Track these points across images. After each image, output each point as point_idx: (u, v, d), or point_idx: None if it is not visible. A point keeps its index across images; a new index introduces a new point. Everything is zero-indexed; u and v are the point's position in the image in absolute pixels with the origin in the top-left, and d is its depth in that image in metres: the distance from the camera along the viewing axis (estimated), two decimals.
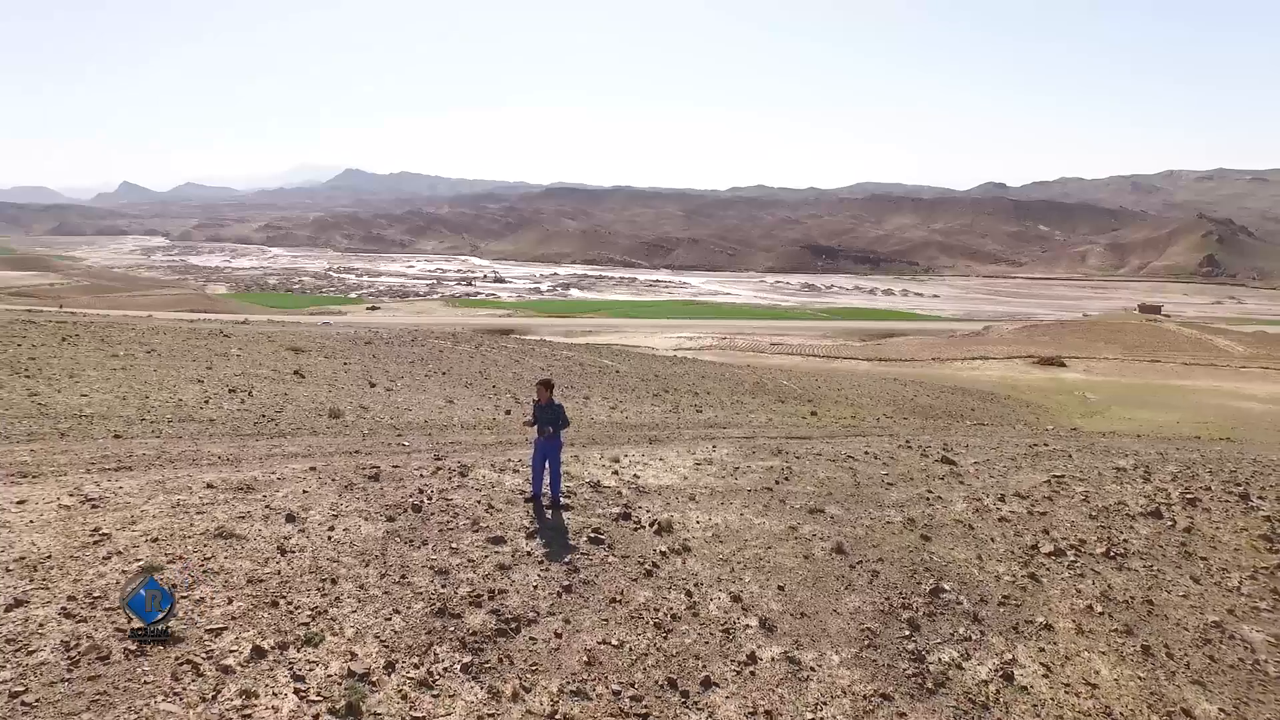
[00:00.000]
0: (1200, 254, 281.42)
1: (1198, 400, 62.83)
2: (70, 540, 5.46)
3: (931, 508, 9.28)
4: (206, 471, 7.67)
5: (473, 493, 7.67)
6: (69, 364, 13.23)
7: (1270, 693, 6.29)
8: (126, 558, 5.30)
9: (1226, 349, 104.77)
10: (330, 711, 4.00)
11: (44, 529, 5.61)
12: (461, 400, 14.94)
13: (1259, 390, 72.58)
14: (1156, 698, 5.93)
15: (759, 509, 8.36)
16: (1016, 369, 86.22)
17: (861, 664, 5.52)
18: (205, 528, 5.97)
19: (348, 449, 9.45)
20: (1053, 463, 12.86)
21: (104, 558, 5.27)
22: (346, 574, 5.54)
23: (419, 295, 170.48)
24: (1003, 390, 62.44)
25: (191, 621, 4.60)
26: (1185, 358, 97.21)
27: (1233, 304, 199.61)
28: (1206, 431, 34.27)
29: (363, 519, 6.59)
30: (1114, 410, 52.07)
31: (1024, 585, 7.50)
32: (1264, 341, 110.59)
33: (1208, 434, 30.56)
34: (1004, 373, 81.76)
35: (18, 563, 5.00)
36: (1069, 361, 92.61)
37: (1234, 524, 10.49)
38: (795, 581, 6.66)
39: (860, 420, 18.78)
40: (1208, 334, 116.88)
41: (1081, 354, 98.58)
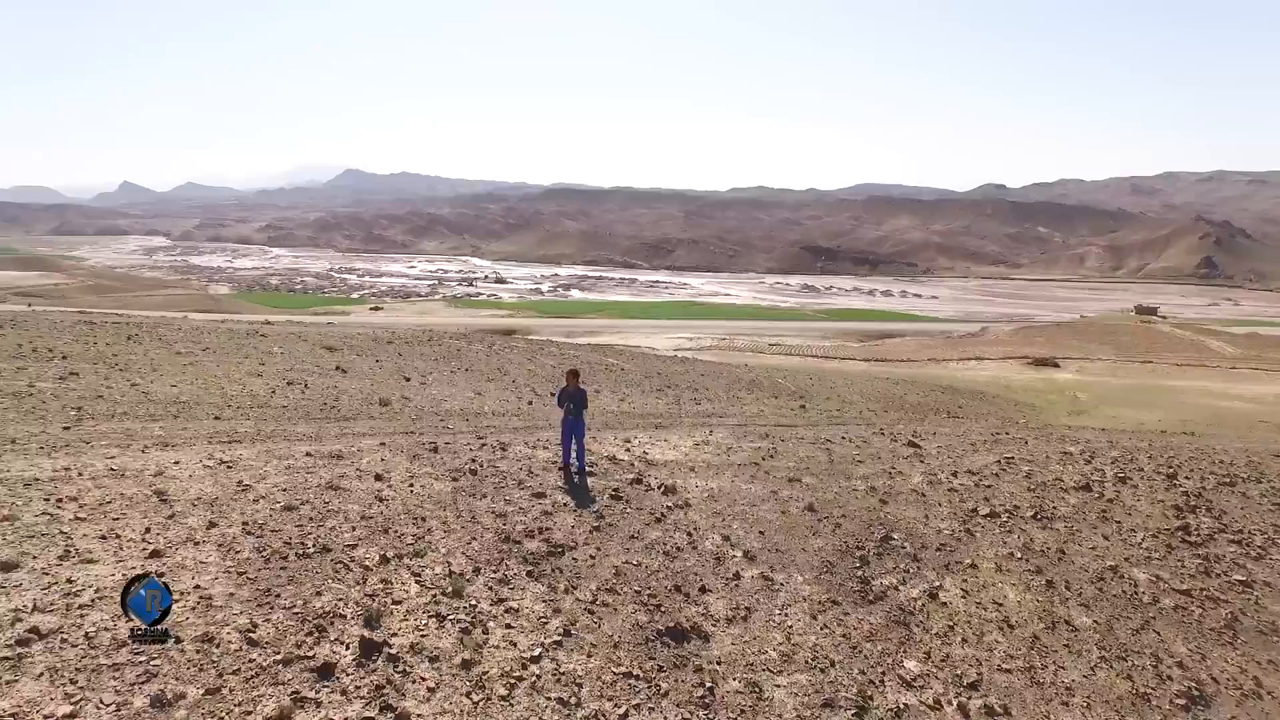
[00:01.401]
0: (1198, 256, 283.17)
1: (1184, 400, 64.31)
2: (224, 489, 7.26)
3: (892, 480, 11.10)
4: (299, 445, 9.49)
5: (514, 462, 9.49)
6: (146, 360, 15.01)
7: (1139, 612, 8.10)
8: (269, 500, 7.11)
9: (1218, 350, 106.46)
10: (443, 593, 5.81)
11: (202, 480, 7.42)
12: (488, 393, 16.77)
13: (1246, 390, 74.02)
14: (1047, 613, 7.74)
15: (747, 478, 10.19)
16: (1011, 369, 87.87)
17: (820, 583, 7.34)
18: (317, 482, 7.78)
19: (403, 430, 11.27)
20: (1007, 448, 14.66)
21: (253, 500, 7.08)
22: (431, 515, 7.36)
23: (421, 296, 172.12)
24: (994, 390, 64.09)
25: (331, 542, 6.40)
26: (1177, 359, 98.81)
27: (1229, 306, 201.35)
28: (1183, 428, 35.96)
29: (433, 479, 8.41)
30: (1101, 409, 53.76)
31: (959, 537, 9.31)
32: (1256, 343, 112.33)
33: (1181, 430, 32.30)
34: (998, 373, 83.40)
35: (198, 500, 6.81)
36: (1062, 362, 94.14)
37: (1154, 497, 12.32)
38: (773, 529, 8.48)
39: (844, 413, 20.61)
40: (1200, 335, 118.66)
41: (1075, 355, 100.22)
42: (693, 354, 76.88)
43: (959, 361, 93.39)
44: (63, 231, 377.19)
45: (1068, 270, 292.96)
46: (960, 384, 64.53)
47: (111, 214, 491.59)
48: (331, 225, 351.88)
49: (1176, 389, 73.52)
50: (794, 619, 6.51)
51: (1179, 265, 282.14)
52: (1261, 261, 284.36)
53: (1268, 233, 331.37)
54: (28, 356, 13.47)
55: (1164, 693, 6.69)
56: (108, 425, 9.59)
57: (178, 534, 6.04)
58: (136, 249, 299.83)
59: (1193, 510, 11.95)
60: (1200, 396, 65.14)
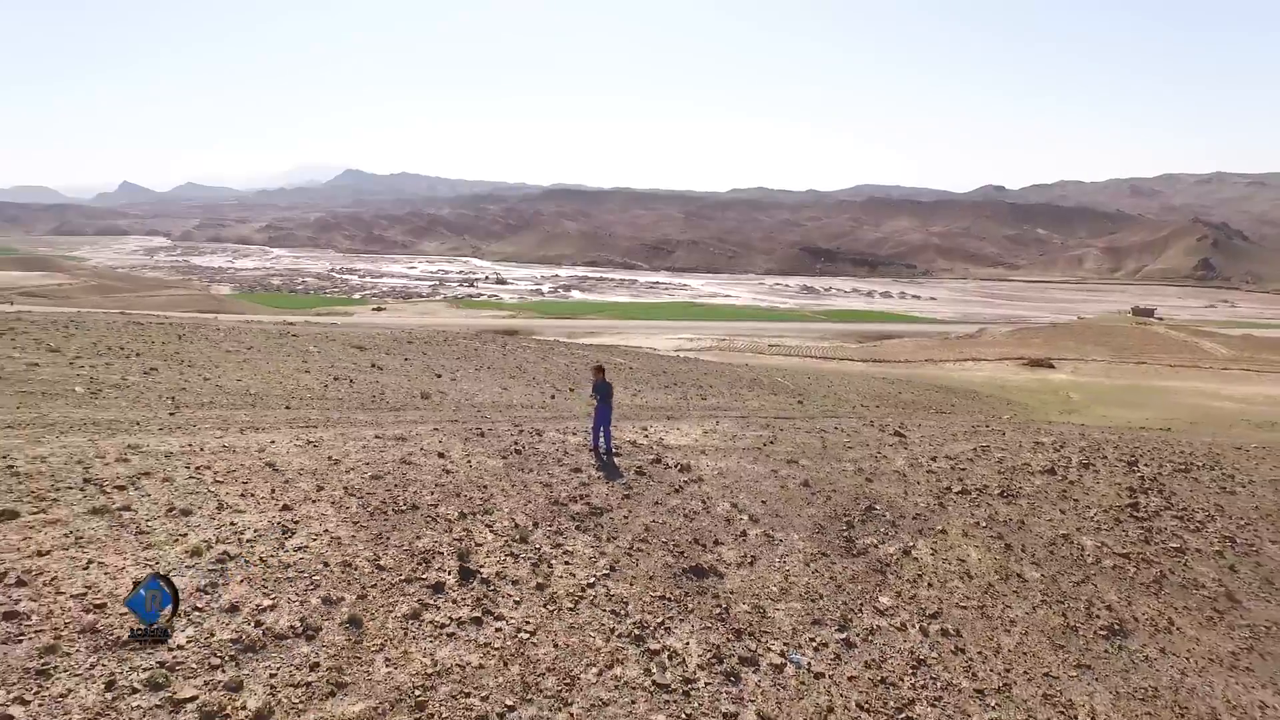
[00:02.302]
0: (1195, 258, 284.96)
1: (1174, 400, 65.70)
2: (318, 462, 8.79)
3: (878, 463, 12.65)
4: (365, 430, 11.03)
5: (550, 445, 11.03)
6: (204, 357, 16.53)
7: (1081, 569, 9.64)
8: (358, 471, 8.63)
9: (1211, 351, 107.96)
10: (512, 540, 7.35)
11: (298, 455, 8.95)
12: (512, 388, 18.32)
13: (1236, 391, 75.41)
14: (1002, 569, 9.27)
15: (750, 459, 11.73)
16: (1006, 370, 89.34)
17: (812, 540, 8.88)
18: (391, 458, 9.31)
19: (448, 419, 12.79)
20: (985, 438, 16.20)
21: (344, 470, 8.61)
22: (490, 484, 8.89)
23: (422, 296, 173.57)
24: (988, 390, 65.57)
25: (418, 502, 7.93)
26: (1171, 360, 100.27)
27: (1226, 307, 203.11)
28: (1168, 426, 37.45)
29: (486, 456, 9.94)
30: (1093, 409, 55.26)
31: (933, 509, 10.85)
32: (1249, 344, 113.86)
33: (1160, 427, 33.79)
34: (994, 373, 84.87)
35: (302, 470, 8.34)
36: (1058, 363, 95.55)
37: (1111, 480, 13.86)
38: (773, 499, 10.02)
39: (839, 408, 22.18)
40: (1194, 336, 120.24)
41: (1071, 356, 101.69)
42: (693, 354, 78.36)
43: (955, 362, 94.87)
44: (63, 231, 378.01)
45: (1066, 272, 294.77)
46: (955, 384, 66.07)
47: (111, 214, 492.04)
48: (332, 226, 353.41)
49: (1169, 389, 74.95)
50: (790, 565, 8.06)
51: (1176, 267, 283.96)
52: (1259, 263, 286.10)
53: (1265, 235, 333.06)
54: (105, 354, 14.98)
55: (1090, 626, 8.23)
56: (202, 412, 11.11)
57: (296, 494, 7.57)
58: (137, 249, 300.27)
59: (1145, 491, 13.50)
60: (1191, 397, 66.58)
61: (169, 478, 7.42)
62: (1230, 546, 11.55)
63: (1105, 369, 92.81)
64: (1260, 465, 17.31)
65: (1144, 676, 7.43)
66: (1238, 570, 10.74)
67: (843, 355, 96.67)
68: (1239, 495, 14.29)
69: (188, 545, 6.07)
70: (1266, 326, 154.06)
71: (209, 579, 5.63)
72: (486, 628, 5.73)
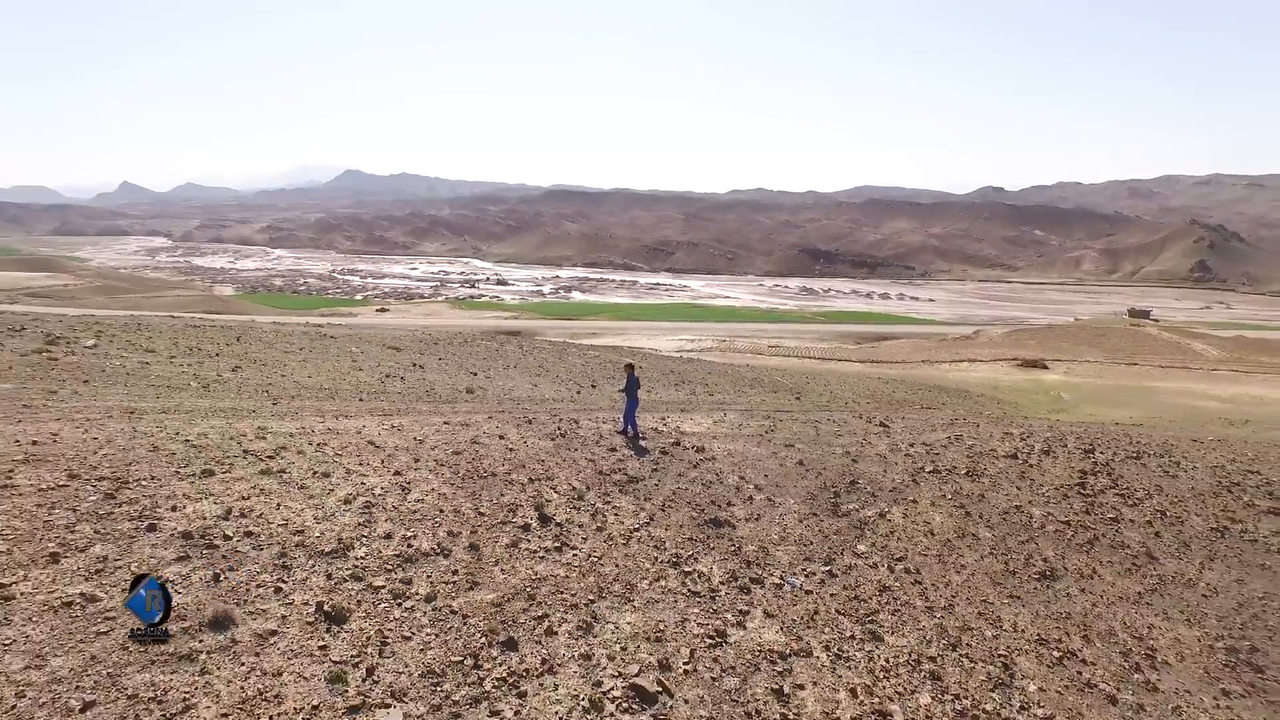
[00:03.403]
0: (1192, 259, 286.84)
1: (1161, 400, 67.64)
2: (407, 442, 10.91)
3: (863, 447, 14.78)
4: (432, 418, 13.16)
5: (588, 431, 13.16)
6: (270, 356, 18.64)
7: (1027, 532, 11.78)
8: (440, 449, 10.74)
9: (1202, 353, 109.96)
10: (572, 498, 9.48)
11: (390, 436, 11.05)
12: (541, 384, 20.47)
13: (1222, 391, 77.31)
14: (961, 529, 11.40)
15: (754, 444, 13.87)
16: (1001, 370, 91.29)
17: (805, 504, 11.00)
18: (463, 439, 11.44)
19: (496, 410, 14.92)
20: (960, 429, 18.34)
21: (430, 448, 10.72)
22: (546, 459, 11.02)
23: (424, 297, 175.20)
24: (980, 389, 67.58)
25: (494, 471, 10.05)
26: (1162, 360, 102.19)
27: (1221, 309, 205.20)
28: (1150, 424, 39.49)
29: (538, 439, 12.08)
30: (1082, 407, 57.27)
31: (907, 484, 12.98)
32: (1240, 345, 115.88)
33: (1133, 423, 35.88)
34: (988, 374, 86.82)
35: (397, 448, 10.46)
36: (1051, 364, 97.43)
37: (1068, 464, 16.00)
38: (774, 474, 12.15)
39: (833, 404, 24.34)
40: (1186, 338, 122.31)
41: (1065, 357, 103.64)
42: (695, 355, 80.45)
43: (951, 363, 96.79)
44: (64, 232, 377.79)
45: (1064, 273, 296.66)
46: (949, 384, 68.10)
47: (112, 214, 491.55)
48: (332, 226, 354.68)
49: (1157, 389, 76.91)
50: (787, 521, 10.19)
51: (1173, 269, 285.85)
52: (1255, 265, 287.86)
53: (1262, 236, 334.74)
54: (191, 354, 17.08)
55: (1027, 572, 10.36)
56: (297, 403, 13.21)
57: (400, 464, 9.69)
58: (138, 249, 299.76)
59: (1095, 473, 15.65)
60: (1178, 396, 68.54)
61: (301, 451, 9.54)
62: (1160, 518, 13.69)
63: (1097, 370, 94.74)
64: (1208, 454, 19.46)
65: (1062, 606, 9.55)
66: (1161, 536, 12.88)
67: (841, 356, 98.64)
68: (1179, 478, 16.43)
69: (338, 496, 8.20)
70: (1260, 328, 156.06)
71: (362, 518, 7.75)
72: (566, 553, 7.86)
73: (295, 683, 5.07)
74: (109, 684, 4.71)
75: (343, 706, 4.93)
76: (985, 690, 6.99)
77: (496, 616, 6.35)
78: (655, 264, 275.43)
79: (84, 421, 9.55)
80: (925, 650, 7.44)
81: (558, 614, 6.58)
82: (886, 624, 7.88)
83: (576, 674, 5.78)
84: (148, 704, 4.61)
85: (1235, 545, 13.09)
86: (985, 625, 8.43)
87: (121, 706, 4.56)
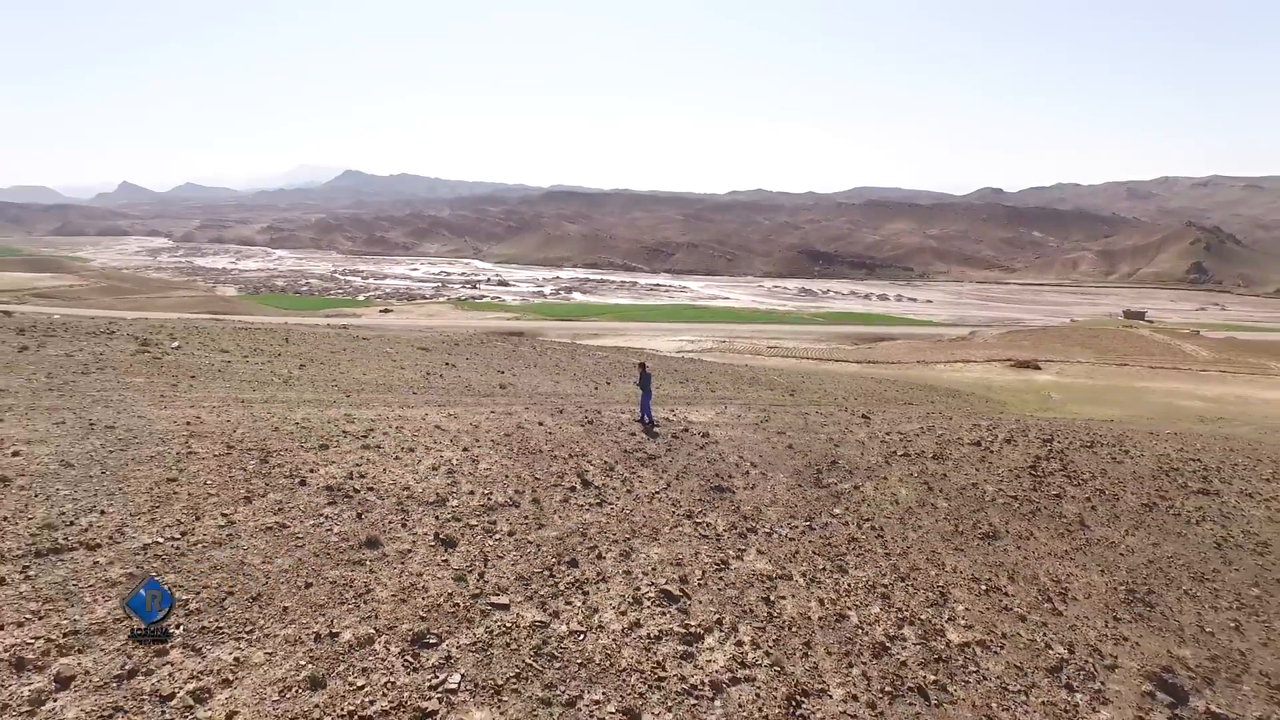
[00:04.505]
0: (1188, 261, 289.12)
1: (1147, 399, 69.83)
2: (465, 427, 13.23)
3: (845, 435, 17.13)
4: (479, 408, 15.50)
5: (610, 419, 15.52)
6: (324, 356, 20.98)
7: (978, 503, 14.11)
8: (493, 432, 13.06)
9: (1192, 354, 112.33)
10: (604, 469, 11.82)
11: (449, 422, 13.38)
12: (562, 381, 22.85)
13: (1208, 391, 79.53)
14: (922, 500, 13.74)
15: (751, 431, 16.22)
16: (994, 371, 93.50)
17: (792, 478, 13.36)
18: (509, 425, 13.78)
19: (529, 403, 17.27)
20: (933, 421, 20.68)
21: (485, 431, 13.05)
22: (580, 440, 13.36)
23: (426, 298, 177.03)
24: (971, 389, 69.84)
25: (539, 449, 12.38)
26: (1153, 361, 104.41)
27: (1216, 310, 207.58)
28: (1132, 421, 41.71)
29: (570, 425, 14.43)
30: (1069, 406, 59.51)
31: (880, 465, 15.32)
32: (1229, 347, 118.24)
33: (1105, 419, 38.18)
34: (982, 375, 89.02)
35: (459, 430, 12.80)
36: (1044, 365, 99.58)
37: (1025, 450, 18.34)
38: (767, 455, 14.50)
39: (823, 401, 26.75)
40: (1177, 339, 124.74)
41: (1058, 358, 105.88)
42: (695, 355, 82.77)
43: (946, 364, 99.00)
44: (64, 232, 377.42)
45: (1061, 275, 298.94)
46: (940, 383, 70.40)
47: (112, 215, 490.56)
48: (333, 227, 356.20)
49: (1144, 389, 79.14)
50: (777, 490, 12.55)
51: (1170, 270, 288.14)
52: (1250, 266, 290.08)
53: (1258, 238, 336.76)
54: (259, 354, 19.43)
55: (973, 533, 12.70)
56: (364, 395, 15.55)
57: (466, 442, 12.03)
58: (140, 250, 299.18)
59: (1048, 459, 18.00)
60: (1163, 396, 70.77)
61: (385, 432, 11.89)
62: (1099, 495, 16.04)
63: (1088, 370, 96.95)
64: (1158, 445, 21.82)
65: (998, 557, 11.89)
66: (1096, 509, 15.22)
67: (838, 357, 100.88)
68: (1125, 464, 18.78)
69: (426, 464, 10.55)
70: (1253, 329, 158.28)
71: (448, 480, 10.09)
72: (605, 508, 10.22)
73: (433, 580, 7.42)
74: (315, 575, 7.06)
75: (468, 594, 7.27)
76: (923, 607, 9.33)
77: (560, 546, 8.70)
78: (655, 265, 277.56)
79: (211, 408, 11.90)
80: (880, 580, 9.79)
81: (604, 546, 8.93)
82: (851, 563, 10.22)
83: (621, 582, 8.13)
84: (343, 588, 6.96)
85: (1160, 518, 15.45)
86: (930, 567, 10.77)
87: (328, 588, 6.90)
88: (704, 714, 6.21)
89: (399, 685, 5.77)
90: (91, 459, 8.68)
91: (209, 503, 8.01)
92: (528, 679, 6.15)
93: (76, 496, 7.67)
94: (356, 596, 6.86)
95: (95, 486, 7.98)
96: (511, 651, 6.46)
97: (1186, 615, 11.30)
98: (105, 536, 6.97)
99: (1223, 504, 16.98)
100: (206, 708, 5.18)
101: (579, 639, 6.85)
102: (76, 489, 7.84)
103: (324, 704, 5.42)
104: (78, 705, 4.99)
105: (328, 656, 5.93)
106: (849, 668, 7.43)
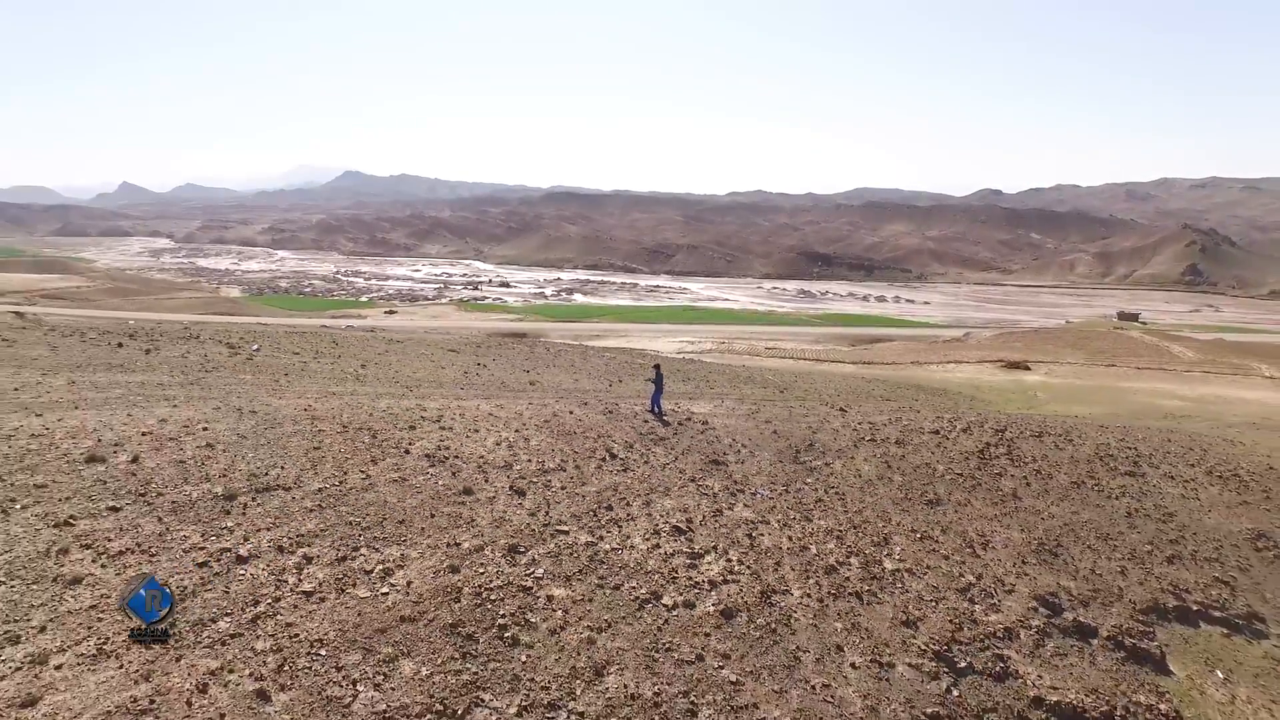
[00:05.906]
0: (1184, 263, 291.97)
1: (1129, 399, 72.70)
2: (512, 414, 16.40)
3: (823, 424, 20.30)
4: (518, 401, 18.67)
5: (626, 410, 18.69)
6: (375, 357, 24.14)
7: (929, 478, 17.25)
8: (534, 420, 16.23)
9: (1179, 355, 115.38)
10: (625, 446, 15.00)
11: (498, 411, 16.54)
12: (580, 379, 26.05)
13: (1190, 391, 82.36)
14: (880, 475, 16.88)
15: (743, 420, 19.40)
16: (985, 372, 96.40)
17: (775, 456, 16.54)
18: (546, 414, 16.94)
19: (557, 397, 20.43)
20: (903, 414, 23.83)
21: (529, 418, 16.20)
22: (604, 425, 16.53)
23: (428, 299, 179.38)
24: (959, 389, 72.85)
25: (574, 431, 15.55)
26: (1140, 362, 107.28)
27: (1210, 312, 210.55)
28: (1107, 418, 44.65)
29: (594, 414, 17.60)
30: (1052, 405, 62.46)
31: (850, 447, 18.47)
32: (1216, 348, 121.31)
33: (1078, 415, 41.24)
34: (972, 375, 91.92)
35: (508, 417, 15.97)
36: (1034, 365, 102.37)
37: (979, 438, 21.50)
38: (755, 439, 17.67)
39: (809, 398, 29.96)
40: (1165, 340, 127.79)
41: (1048, 358, 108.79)
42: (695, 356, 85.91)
43: (939, 364, 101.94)
44: (65, 233, 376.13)
45: (1058, 276, 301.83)
46: (930, 384, 73.44)
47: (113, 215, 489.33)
48: (334, 228, 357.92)
49: (1128, 389, 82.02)
50: (762, 464, 15.72)
51: (1165, 272, 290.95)
52: (1246, 269, 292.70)
53: (1255, 240, 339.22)
54: (324, 355, 22.61)
55: (921, 499, 15.85)
56: (424, 390, 18.70)
57: (517, 426, 15.19)
58: (142, 251, 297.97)
59: (997, 445, 21.16)
60: (1145, 396, 73.62)
61: (454, 418, 15.05)
62: (1035, 474, 19.20)
63: (1077, 371, 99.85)
64: (1102, 435, 24.98)
65: (936, 518, 15.04)
66: (1030, 485, 18.38)
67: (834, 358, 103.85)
68: (1065, 450, 21.94)
69: (490, 441, 13.71)
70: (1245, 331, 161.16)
71: (510, 452, 13.25)
72: (629, 473, 13.39)
73: (514, 515, 10.59)
74: (435, 510, 10.20)
75: (539, 524, 10.43)
76: (869, 546, 12.48)
77: (599, 498, 11.88)
78: (655, 266, 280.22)
79: (315, 398, 15.07)
80: (837, 528, 12.95)
81: (630, 498, 12.11)
82: (816, 515, 13.39)
83: (644, 521, 11.29)
84: (455, 518, 10.11)
85: (1085, 493, 18.61)
86: (879, 521, 13.93)
87: (446, 518, 10.06)
88: (703, 598, 9.37)
89: (505, 573, 8.94)
90: (255, 433, 11.85)
91: (349, 463, 11.18)
92: (586, 574, 9.33)
93: (260, 457, 10.84)
94: (466, 523, 10.02)
95: (268, 451, 11.15)
96: (573, 558, 9.64)
97: (1083, 562, 14.47)
98: (291, 480, 10.15)
99: (1144, 484, 20.18)
100: (394, 579, 8.35)
101: (618, 553, 10.03)
102: (257, 452, 11.01)
103: (462, 581, 8.59)
104: (311, 580, 8.14)
105: (458, 556, 9.11)
106: (807, 579, 10.61)
